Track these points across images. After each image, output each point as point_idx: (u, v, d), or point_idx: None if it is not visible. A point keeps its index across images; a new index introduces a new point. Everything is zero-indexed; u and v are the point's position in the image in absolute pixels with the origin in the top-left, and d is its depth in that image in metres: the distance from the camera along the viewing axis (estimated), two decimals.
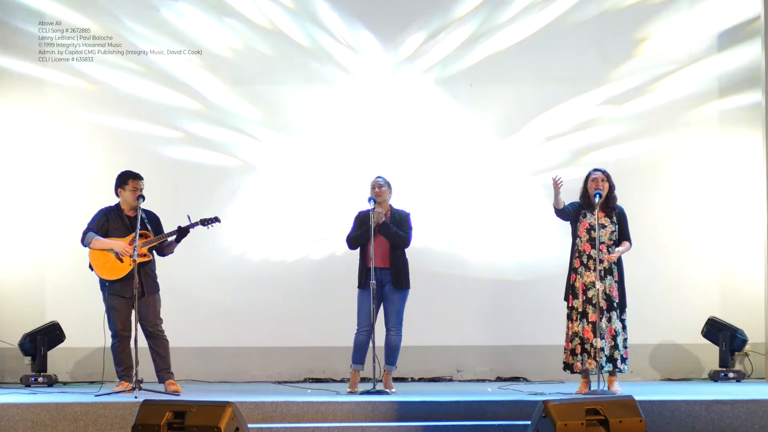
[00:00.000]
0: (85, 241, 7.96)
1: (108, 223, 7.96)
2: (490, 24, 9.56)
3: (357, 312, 8.12)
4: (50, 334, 9.14)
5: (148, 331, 7.98)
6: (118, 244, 7.84)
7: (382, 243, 8.03)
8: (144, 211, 7.99)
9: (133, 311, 7.83)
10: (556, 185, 7.77)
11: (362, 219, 8.16)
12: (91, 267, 7.97)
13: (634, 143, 9.52)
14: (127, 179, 7.98)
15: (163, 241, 7.94)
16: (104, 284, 7.95)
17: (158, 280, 8.06)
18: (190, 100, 9.56)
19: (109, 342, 7.99)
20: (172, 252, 8.08)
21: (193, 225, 7.91)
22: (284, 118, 9.58)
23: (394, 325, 8.07)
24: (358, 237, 8.07)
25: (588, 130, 9.55)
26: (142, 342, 7.96)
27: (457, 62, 9.56)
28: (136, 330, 7.81)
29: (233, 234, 9.48)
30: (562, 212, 7.90)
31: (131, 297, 7.82)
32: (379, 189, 8.11)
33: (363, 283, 8.06)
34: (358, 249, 8.14)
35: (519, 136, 9.55)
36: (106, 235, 7.92)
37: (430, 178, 9.54)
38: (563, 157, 9.51)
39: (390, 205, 8.18)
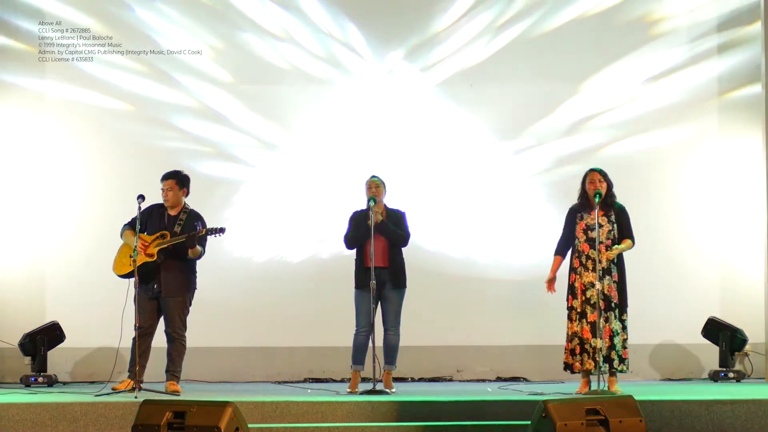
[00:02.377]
0: (120, 233, 8.05)
1: (147, 219, 7.96)
2: (490, 24, 9.55)
3: (355, 312, 8.11)
4: (50, 334, 9.13)
5: (167, 332, 8.00)
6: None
7: (381, 242, 8.02)
8: (190, 212, 8.03)
9: (135, 310, 7.82)
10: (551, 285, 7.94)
11: (358, 219, 8.16)
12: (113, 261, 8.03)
13: (633, 143, 9.52)
14: (161, 181, 8.07)
15: (178, 243, 7.90)
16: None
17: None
18: (191, 100, 9.57)
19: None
20: (197, 256, 8.01)
21: (198, 233, 7.89)
22: (285, 118, 9.57)
23: (393, 325, 8.07)
24: (357, 237, 8.07)
25: (588, 130, 9.55)
26: (159, 342, 8.01)
27: (457, 62, 9.56)
28: (136, 330, 7.82)
29: (233, 234, 9.44)
30: (567, 246, 7.94)
31: (152, 295, 7.87)
32: (376, 189, 8.11)
33: (361, 283, 8.06)
34: (355, 249, 8.14)
35: (519, 136, 9.54)
36: (142, 231, 7.92)
37: (431, 179, 9.54)
38: (563, 157, 9.51)
39: (385, 205, 8.16)
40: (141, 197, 7.91)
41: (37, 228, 9.45)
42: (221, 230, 7.99)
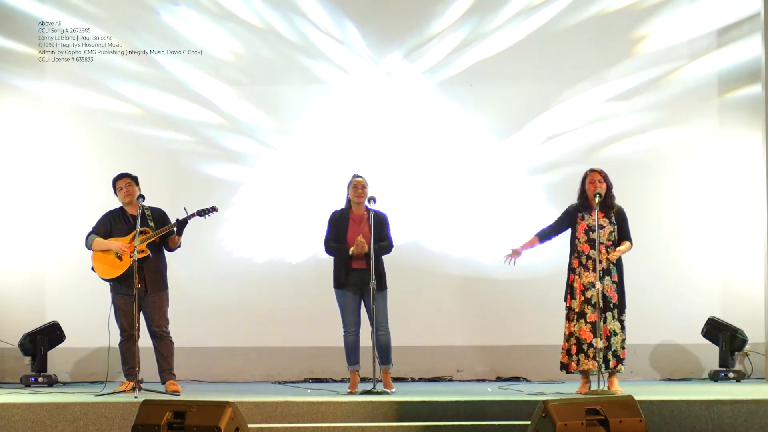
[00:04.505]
0: (87, 244, 8.03)
1: (111, 224, 8.01)
2: (491, 24, 9.55)
3: (341, 313, 8.11)
4: (50, 334, 9.14)
5: (153, 330, 8.00)
6: (115, 243, 7.87)
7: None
8: (150, 208, 8.03)
9: (135, 310, 7.82)
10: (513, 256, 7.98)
11: (338, 220, 8.11)
12: (93, 269, 8.00)
13: (633, 143, 9.51)
14: (114, 183, 8.10)
15: (164, 235, 7.92)
16: (111, 283, 7.96)
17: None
18: (190, 100, 9.56)
19: (112, 341, 7.99)
20: (179, 246, 8.07)
21: (190, 216, 7.91)
22: (285, 119, 9.58)
23: (382, 325, 8.03)
24: (337, 255, 8.05)
25: (587, 131, 9.55)
26: (146, 342, 7.99)
27: (457, 62, 9.56)
28: (138, 329, 7.82)
29: (233, 234, 9.49)
30: (551, 234, 7.96)
31: (134, 296, 7.83)
32: (363, 189, 8.07)
33: (343, 282, 8.04)
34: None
35: (518, 136, 9.55)
36: (109, 236, 7.95)
37: (430, 178, 9.54)
38: (562, 157, 9.51)
39: (366, 207, 8.09)
40: (141, 197, 7.93)
41: (37, 228, 9.45)
42: (213, 209, 8.00)
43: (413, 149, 9.55)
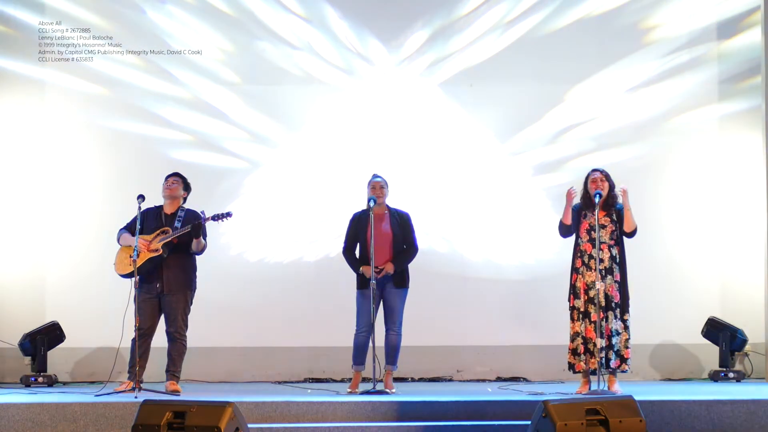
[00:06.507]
0: (117, 238, 8.05)
1: (145, 220, 7.96)
2: (491, 24, 9.56)
3: (356, 312, 8.10)
4: (50, 334, 9.13)
5: (168, 331, 7.97)
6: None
7: (384, 243, 7.99)
8: (187, 210, 8.01)
9: (134, 309, 7.80)
10: (570, 197, 7.77)
11: (357, 221, 8.12)
12: (114, 264, 8.01)
13: (633, 144, 9.51)
14: (165, 179, 8.11)
15: (182, 237, 7.89)
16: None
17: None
18: (190, 99, 9.56)
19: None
20: (202, 247, 8.00)
21: (204, 220, 7.89)
22: (285, 118, 9.58)
23: (395, 325, 8.03)
24: (350, 265, 8.09)
25: (588, 131, 9.55)
26: (162, 342, 8.00)
27: (457, 62, 9.56)
28: (136, 330, 7.81)
29: (234, 234, 9.48)
30: (568, 229, 7.87)
31: (154, 294, 7.86)
32: (380, 190, 8.09)
33: (363, 283, 8.04)
34: (357, 247, 8.13)
35: (520, 136, 9.55)
36: (141, 232, 7.90)
37: (431, 178, 9.54)
38: (564, 157, 9.51)
39: (387, 205, 8.13)
40: (141, 197, 7.92)
41: (37, 228, 9.45)
42: (227, 215, 7.96)
43: (413, 149, 9.54)
